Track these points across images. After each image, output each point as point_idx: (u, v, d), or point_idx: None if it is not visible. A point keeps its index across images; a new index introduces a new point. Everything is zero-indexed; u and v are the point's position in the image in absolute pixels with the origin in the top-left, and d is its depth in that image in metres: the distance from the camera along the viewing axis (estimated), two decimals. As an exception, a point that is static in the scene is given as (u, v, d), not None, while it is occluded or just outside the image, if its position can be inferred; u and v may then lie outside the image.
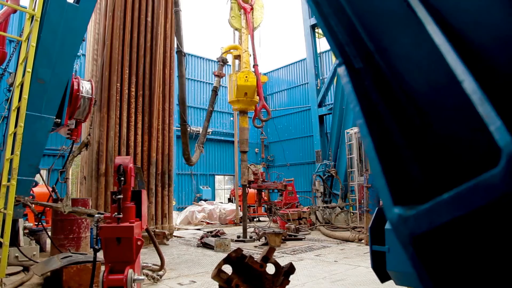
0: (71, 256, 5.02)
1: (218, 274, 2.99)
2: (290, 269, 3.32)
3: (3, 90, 12.65)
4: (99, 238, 3.80)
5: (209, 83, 24.09)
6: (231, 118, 24.61)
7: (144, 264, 4.95)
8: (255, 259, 3.19)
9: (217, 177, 24.23)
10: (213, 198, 22.00)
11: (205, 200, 17.96)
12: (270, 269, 3.30)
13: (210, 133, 21.06)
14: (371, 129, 0.82)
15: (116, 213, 3.68)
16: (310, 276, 5.42)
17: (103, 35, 10.52)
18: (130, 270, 3.56)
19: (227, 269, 3.11)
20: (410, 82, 1.10)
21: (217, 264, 3.12)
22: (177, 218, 14.64)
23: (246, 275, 3.22)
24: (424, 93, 1.06)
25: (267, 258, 3.25)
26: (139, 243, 3.74)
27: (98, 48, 10.58)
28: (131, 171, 3.89)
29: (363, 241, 8.93)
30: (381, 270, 2.94)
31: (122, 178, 3.74)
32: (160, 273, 5.26)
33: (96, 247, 3.80)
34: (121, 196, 3.71)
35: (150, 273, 5.02)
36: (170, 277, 5.43)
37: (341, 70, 0.98)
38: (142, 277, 3.71)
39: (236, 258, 3.15)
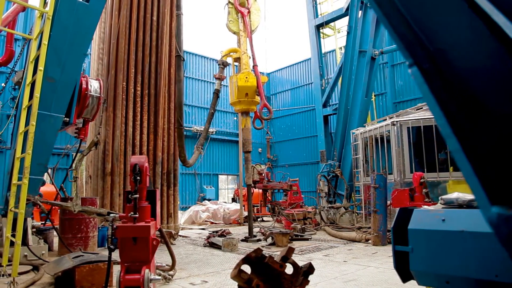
0: (82, 255, 5.00)
1: (238, 274, 2.97)
2: (310, 269, 3.30)
3: (9, 89, 12.67)
4: (114, 237, 3.78)
5: (212, 83, 24.10)
6: (235, 118, 24.59)
7: (158, 264, 4.93)
8: (274, 259, 3.17)
9: (221, 177, 24.22)
10: (217, 198, 21.99)
11: (209, 200, 17.96)
12: (287, 269, 3.28)
13: (214, 132, 21.07)
14: (455, 129, 0.80)
15: (132, 213, 3.67)
16: (321, 276, 5.40)
17: (109, 34, 10.50)
18: (147, 270, 3.55)
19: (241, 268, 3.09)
20: (471, 82, 1.08)
21: (236, 264, 3.10)
22: (181, 217, 14.62)
23: (264, 275, 3.20)
24: (490, 92, 1.04)
25: (286, 258, 3.23)
26: (154, 242, 3.73)
27: (104, 47, 10.57)
28: (146, 170, 3.87)
29: (370, 241, 8.91)
30: (403, 270, 2.94)
31: (138, 178, 3.72)
32: (171, 272, 5.25)
33: (112, 246, 3.78)
34: (137, 195, 3.69)
35: (162, 273, 5.00)
36: (181, 277, 5.42)
37: (413, 71, 0.96)
38: (158, 277, 3.69)
39: (256, 258, 3.13)
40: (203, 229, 13.02)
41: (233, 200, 19.31)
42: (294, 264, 3.33)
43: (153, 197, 4.13)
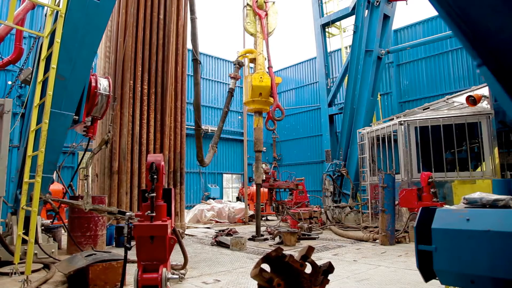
0: (95, 254, 4.99)
1: (260, 273, 2.95)
2: (329, 268, 3.28)
3: (15, 87, 12.67)
4: (131, 236, 3.77)
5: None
6: (239, 117, 24.57)
7: (174, 264, 4.92)
8: (295, 258, 3.15)
9: (225, 176, 24.22)
10: (221, 197, 21.99)
11: (213, 199, 17.95)
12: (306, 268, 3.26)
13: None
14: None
15: (149, 211, 3.65)
16: (333, 276, 5.35)
17: (116, 32, 10.50)
18: (164, 269, 3.54)
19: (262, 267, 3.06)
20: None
21: (256, 263, 3.08)
22: (186, 216, 14.60)
23: (284, 274, 3.19)
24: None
25: (306, 257, 3.21)
26: (172, 241, 3.72)
27: (111, 45, 10.57)
28: (163, 169, 3.86)
29: (377, 241, 8.89)
30: (426, 269, 2.92)
31: (155, 176, 3.71)
32: (183, 271, 5.23)
33: (128, 245, 3.77)
34: (154, 194, 3.68)
35: (175, 272, 4.99)
36: (193, 276, 5.41)
37: (483, 70, 0.94)
38: (176, 276, 3.68)
39: (276, 257, 3.11)
40: (208, 228, 13.01)
41: (238, 199, 19.29)
42: (313, 264, 3.31)
43: (168, 196, 4.12)
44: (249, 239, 9.29)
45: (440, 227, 2.77)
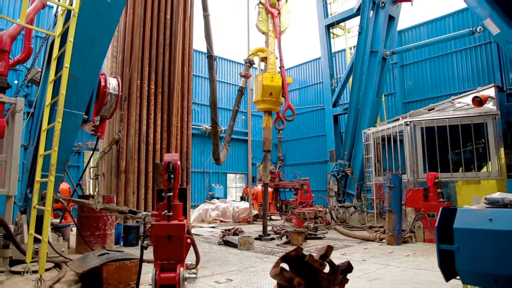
0: (107, 253, 5.01)
1: (280, 273, 2.96)
2: (348, 267, 3.29)
3: (23, 87, 12.67)
4: (147, 235, 3.78)
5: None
6: (243, 117, 24.57)
7: (189, 263, 4.93)
8: (314, 257, 3.16)
9: (229, 175, 24.23)
10: (225, 196, 21.99)
11: (217, 198, 17.96)
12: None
13: (222, 131, 21.08)
14: None
15: (166, 211, 3.66)
16: (345, 276, 5.38)
17: (123, 32, 10.52)
18: (182, 268, 3.54)
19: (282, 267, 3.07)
20: None
21: (275, 262, 3.09)
22: (191, 216, 14.61)
23: (302, 274, 3.20)
24: None
25: (325, 256, 3.22)
26: (188, 241, 3.72)
27: (118, 45, 10.58)
28: (179, 168, 3.87)
29: (384, 240, 8.90)
30: (447, 268, 2.93)
31: (172, 176, 3.72)
32: (194, 271, 5.25)
33: (144, 245, 3.77)
34: (171, 193, 3.68)
35: (189, 271, 5.00)
36: (205, 275, 5.42)
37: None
38: (193, 275, 3.69)
39: (296, 257, 3.12)
40: (213, 227, 13.01)
41: (242, 198, 19.30)
42: (331, 263, 3.32)
43: (183, 195, 4.13)
44: (256, 239, 9.29)
45: (462, 226, 2.78)
